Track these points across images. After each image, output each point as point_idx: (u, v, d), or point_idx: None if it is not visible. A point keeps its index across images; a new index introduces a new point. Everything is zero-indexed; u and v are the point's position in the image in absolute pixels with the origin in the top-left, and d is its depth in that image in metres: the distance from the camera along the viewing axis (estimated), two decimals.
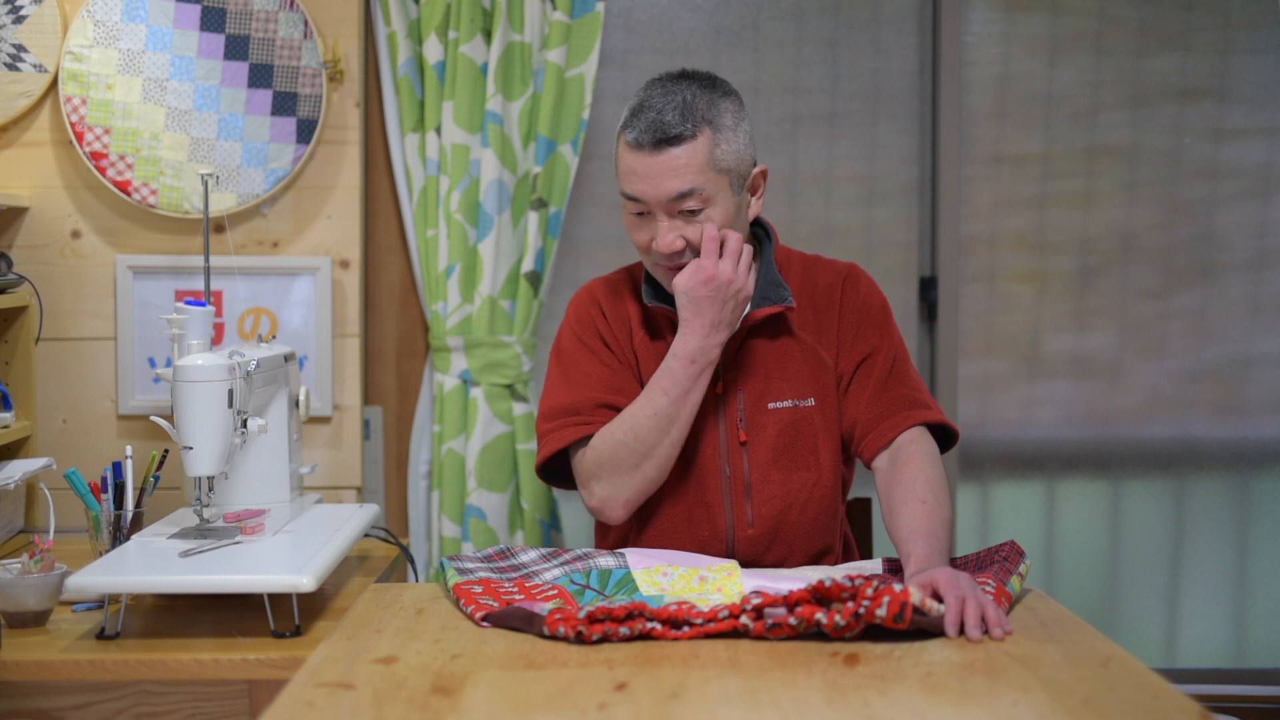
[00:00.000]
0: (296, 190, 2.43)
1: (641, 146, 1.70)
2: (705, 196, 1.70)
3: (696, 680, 1.27)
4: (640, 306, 1.86)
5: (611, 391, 1.81)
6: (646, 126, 1.69)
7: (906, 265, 2.70)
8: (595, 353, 1.84)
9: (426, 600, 1.60)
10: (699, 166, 1.69)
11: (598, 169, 2.64)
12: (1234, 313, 2.72)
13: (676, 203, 1.70)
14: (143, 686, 1.57)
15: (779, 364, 1.81)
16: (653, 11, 2.66)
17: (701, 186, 1.70)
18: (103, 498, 1.91)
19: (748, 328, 1.80)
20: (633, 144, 1.71)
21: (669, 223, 1.72)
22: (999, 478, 2.77)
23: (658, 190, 1.70)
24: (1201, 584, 2.75)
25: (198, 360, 1.74)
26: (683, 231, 1.72)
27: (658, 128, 1.69)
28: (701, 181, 1.69)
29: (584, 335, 1.86)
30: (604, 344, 1.85)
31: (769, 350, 1.81)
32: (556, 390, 1.84)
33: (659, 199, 1.70)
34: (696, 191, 1.69)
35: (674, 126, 1.68)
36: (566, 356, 1.86)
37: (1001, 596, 1.49)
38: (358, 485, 2.47)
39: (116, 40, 2.34)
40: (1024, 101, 2.69)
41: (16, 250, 2.40)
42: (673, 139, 1.68)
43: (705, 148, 1.69)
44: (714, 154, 1.70)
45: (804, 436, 1.80)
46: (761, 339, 1.82)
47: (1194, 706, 1.18)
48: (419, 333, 2.58)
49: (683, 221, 1.72)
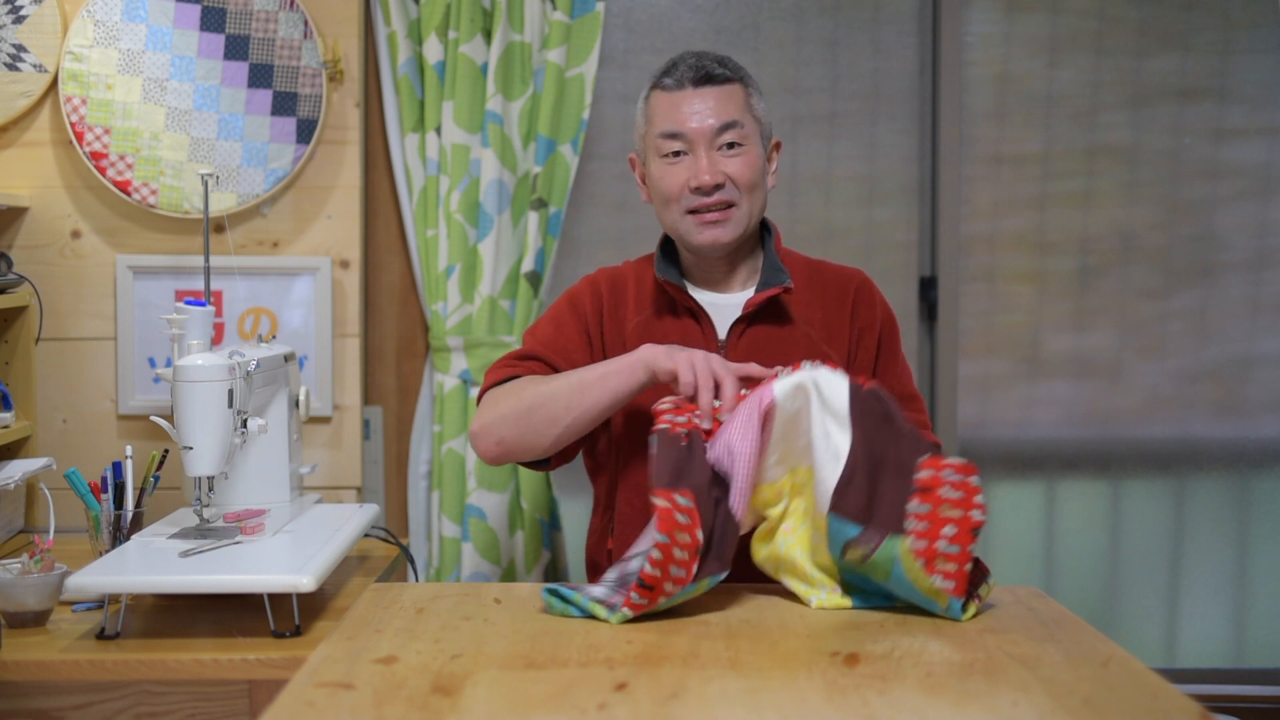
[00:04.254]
0: (296, 190, 2.43)
1: (683, 85, 1.77)
2: (744, 133, 1.77)
3: (696, 680, 1.27)
4: (642, 293, 1.86)
5: (561, 357, 1.81)
6: (689, 69, 1.77)
7: (906, 265, 2.70)
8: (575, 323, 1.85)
9: (426, 600, 1.60)
10: (739, 105, 1.78)
11: (598, 169, 2.65)
12: (1234, 313, 2.72)
13: (719, 135, 1.76)
14: (143, 686, 1.57)
15: (782, 353, 1.81)
16: (653, 11, 2.66)
17: (741, 121, 1.77)
18: (103, 498, 1.91)
19: (750, 314, 1.81)
20: (674, 86, 1.78)
21: (710, 155, 1.76)
22: (999, 478, 2.77)
23: (702, 120, 1.75)
24: (1201, 584, 2.75)
25: (198, 360, 1.74)
26: (723, 166, 1.76)
27: (699, 69, 1.77)
28: (741, 117, 1.77)
29: (576, 304, 1.88)
30: (587, 322, 1.86)
31: (772, 337, 1.82)
32: (523, 345, 1.87)
33: (703, 129, 1.75)
34: (738, 124, 1.76)
35: (715, 68, 1.77)
36: (543, 320, 1.89)
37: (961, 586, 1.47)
38: (358, 485, 2.47)
39: (116, 40, 2.34)
40: (1024, 101, 2.69)
41: (16, 250, 2.40)
42: (715, 78, 1.77)
43: (742, 91, 1.79)
44: (749, 101, 1.79)
45: None
46: (764, 326, 1.82)
47: (1194, 706, 1.17)
48: (419, 333, 2.58)
49: (722, 156, 1.76)
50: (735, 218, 1.78)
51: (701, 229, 1.78)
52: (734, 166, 1.76)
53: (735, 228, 1.79)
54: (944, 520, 1.45)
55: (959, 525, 1.44)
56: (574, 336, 1.85)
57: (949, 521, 1.45)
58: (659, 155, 1.79)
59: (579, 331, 1.85)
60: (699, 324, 1.83)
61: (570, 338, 1.85)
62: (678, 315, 1.84)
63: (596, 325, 1.86)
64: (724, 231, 1.78)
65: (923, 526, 1.45)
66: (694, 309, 1.83)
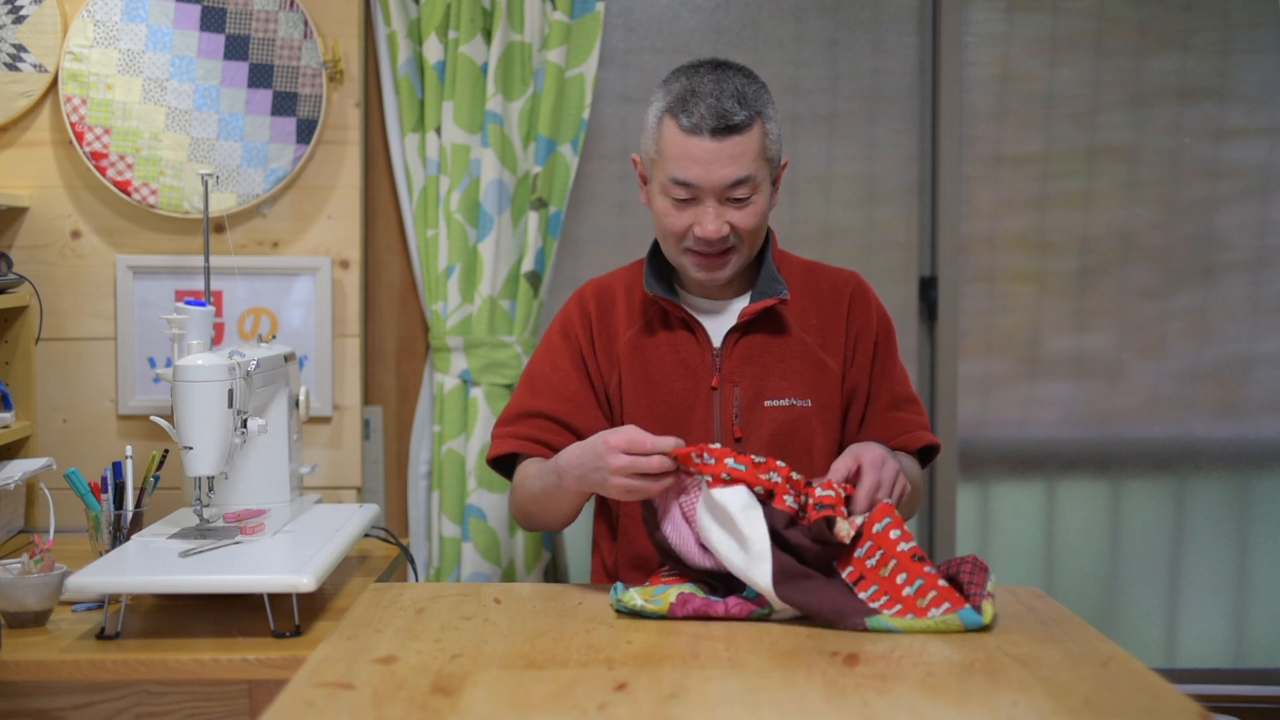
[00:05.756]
0: (296, 190, 2.43)
1: (700, 132, 1.69)
2: (755, 184, 1.73)
3: (696, 680, 1.27)
4: (632, 306, 1.87)
5: (564, 400, 1.83)
6: (708, 112, 1.69)
7: (906, 265, 2.70)
8: (568, 354, 1.87)
9: (426, 600, 1.60)
10: (754, 155, 1.71)
11: (598, 169, 2.65)
12: (1234, 313, 2.72)
13: (730, 190, 1.71)
14: (143, 686, 1.57)
15: (778, 362, 1.81)
16: (653, 11, 2.66)
17: (754, 174, 1.72)
18: (103, 498, 1.91)
19: (744, 323, 1.81)
20: (690, 129, 1.70)
21: (718, 208, 1.73)
22: (999, 478, 2.77)
23: (714, 178, 1.70)
24: (1201, 584, 2.75)
25: (198, 360, 1.74)
26: (729, 218, 1.74)
27: (719, 114, 1.69)
28: (754, 169, 1.72)
29: (567, 331, 1.89)
30: (580, 347, 1.87)
31: (768, 347, 1.82)
32: (520, 392, 1.89)
33: (715, 185, 1.71)
34: (751, 179, 1.72)
35: (735, 114, 1.69)
36: (540, 355, 1.90)
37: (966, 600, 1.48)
38: (358, 485, 2.47)
39: (116, 40, 2.34)
40: (1024, 101, 2.69)
41: (16, 250, 2.40)
42: (734, 127, 1.69)
43: (759, 137, 1.72)
44: (764, 143, 1.73)
45: (800, 437, 1.80)
46: (760, 335, 1.82)
47: (1194, 706, 1.18)
48: (419, 333, 2.58)
49: (730, 208, 1.73)
50: (734, 261, 1.79)
51: (699, 268, 1.78)
52: (740, 218, 1.74)
53: (733, 269, 1.80)
54: (890, 576, 1.49)
55: (903, 568, 1.48)
56: (569, 371, 1.86)
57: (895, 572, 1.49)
58: (665, 193, 1.76)
59: (574, 364, 1.86)
60: (693, 335, 1.83)
61: (565, 372, 1.86)
62: (671, 328, 1.84)
63: (589, 347, 1.87)
64: (722, 273, 1.79)
65: (884, 599, 1.48)
66: (688, 320, 1.83)
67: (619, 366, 1.84)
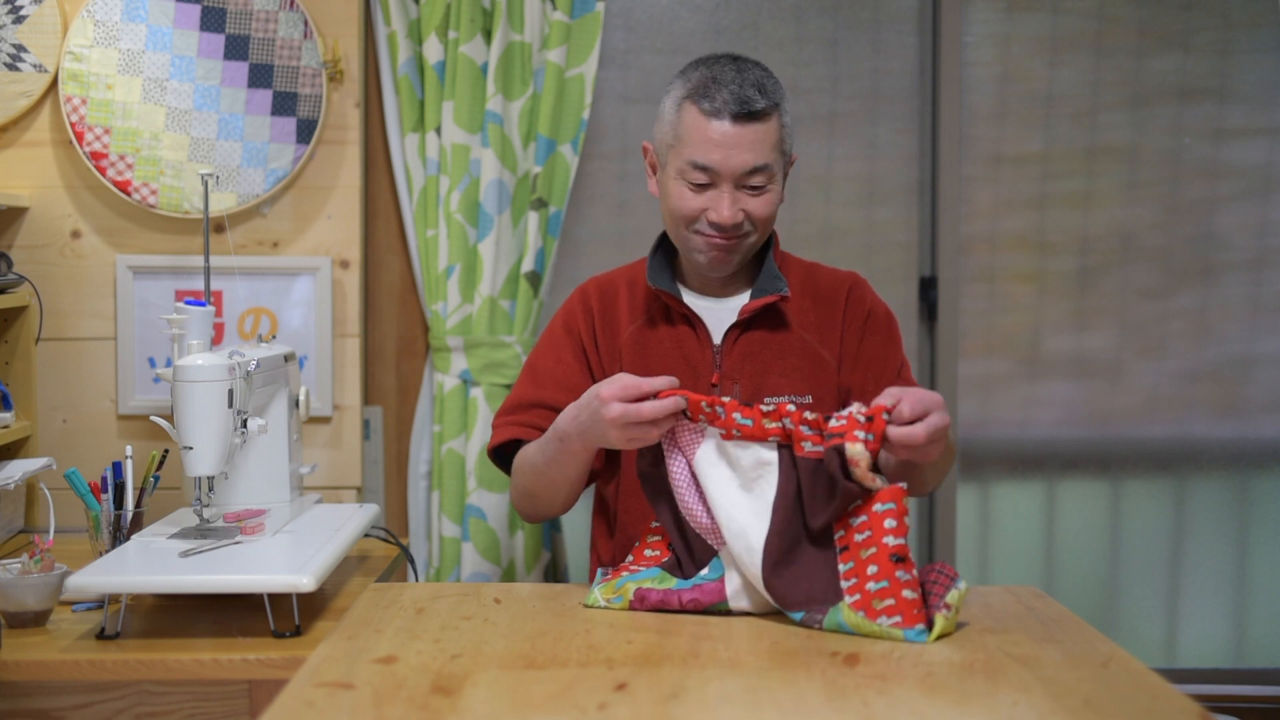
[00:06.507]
0: (296, 190, 2.43)
1: (722, 116, 1.70)
2: (771, 174, 1.74)
3: (696, 680, 1.27)
4: (635, 301, 1.87)
5: (566, 391, 1.81)
6: (730, 98, 1.70)
7: (906, 265, 2.70)
8: (570, 346, 1.87)
9: (426, 600, 1.60)
10: (772, 144, 1.73)
11: (598, 169, 2.65)
12: (1234, 313, 2.72)
13: (747, 176, 1.72)
14: (143, 686, 1.57)
15: (777, 359, 1.82)
16: (653, 11, 2.66)
17: (771, 164, 1.73)
18: (103, 498, 1.91)
19: (745, 320, 1.81)
20: (712, 113, 1.71)
21: (734, 194, 1.73)
22: (999, 478, 2.77)
23: (734, 162, 1.71)
24: (1201, 584, 2.75)
25: (198, 360, 1.74)
26: (744, 205, 1.74)
27: (742, 100, 1.70)
28: (771, 159, 1.73)
29: (569, 324, 1.89)
30: (582, 340, 1.87)
31: (767, 343, 1.82)
32: (522, 383, 1.89)
33: (734, 171, 1.72)
34: (768, 168, 1.73)
35: (757, 101, 1.70)
36: (543, 347, 1.91)
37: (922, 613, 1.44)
38: (358, 485, 2.47)
39: (116, 40, 2.34)
40: (1024, 101, 2.69)
41: (16, 250, 2.40)
42: (755, 114, 1.70)
43: (776, 128, 1.74)
44: (781, 135, 1.75)
45: None
46: (760, 331, 1.82)
47: (1194, 706, 1.18)
48: (419, 333, 2.58)
49: (745, 195, 1.74)
50: (744, 247, 1.79)
51: (709, 251, 1.78)
52: (755, 205, 1.75)
53: (742, 255, 1.81)
54: (866, 562, 1.44)
55: (878, 562, 1.43)
56: (571, 363, 1.86)
57: (870, 561, 1.44)
58: (681, 176, 1.76)
59: (576, 357, 1.87)
60: (694, 330, 1.83)
61: (568, 364, 1.86)
62: (672, 323, 1.85)
63: (591, 340, 1.88)
64: (731, 258, 1.79)
65: (852, 582, 1.45)
66: (689, 315, 1.83)
67: (620, 360, 1.85)
